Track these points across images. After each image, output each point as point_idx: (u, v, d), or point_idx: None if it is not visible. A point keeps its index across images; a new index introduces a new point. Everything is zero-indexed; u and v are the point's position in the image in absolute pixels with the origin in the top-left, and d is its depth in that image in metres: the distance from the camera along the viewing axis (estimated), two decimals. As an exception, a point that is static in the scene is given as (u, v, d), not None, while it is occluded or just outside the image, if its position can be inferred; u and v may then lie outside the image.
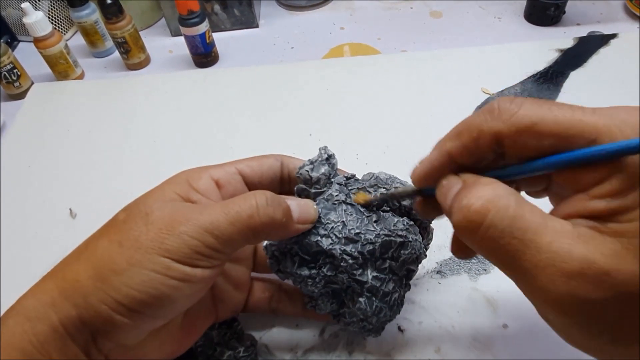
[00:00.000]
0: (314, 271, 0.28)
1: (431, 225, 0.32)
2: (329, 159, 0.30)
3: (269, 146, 0.49)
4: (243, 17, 0.68)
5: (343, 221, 0.28)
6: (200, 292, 0.25)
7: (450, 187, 0.21)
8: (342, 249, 0.27)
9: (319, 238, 0.27)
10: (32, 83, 0.62)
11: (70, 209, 0.45)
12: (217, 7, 0.66)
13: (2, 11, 0.68)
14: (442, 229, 0.40)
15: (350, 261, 0.28)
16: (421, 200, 0.26)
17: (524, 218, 0.18)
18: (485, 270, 0.37)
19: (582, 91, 0.51)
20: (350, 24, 0.68)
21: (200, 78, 0.59)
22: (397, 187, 0.29)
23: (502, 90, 0.52)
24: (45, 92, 0.60)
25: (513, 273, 0.19)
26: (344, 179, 0.30)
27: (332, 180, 0.29)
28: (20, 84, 0.60)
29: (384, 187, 0.29)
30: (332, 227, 0.28)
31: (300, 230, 0.27)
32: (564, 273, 0.17)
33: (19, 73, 0.60)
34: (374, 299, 0.29)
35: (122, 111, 0.56)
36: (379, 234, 0.28)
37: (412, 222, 0.29)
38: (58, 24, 0.69)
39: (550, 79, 0.53)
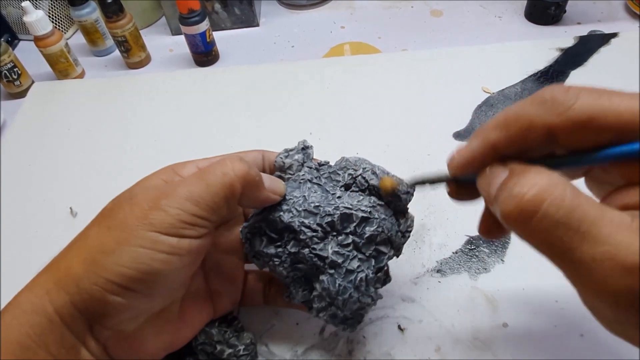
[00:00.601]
0: (279, 249, 0.29)
1: (410, 212, 0.31)
2: (305, 149, 0.32)
3: (269, 145, 0.49)
4: (243, 15, 0.68)
5: (304, 196, 0.29)
6: (190, 266, 0.26)
7: (496, 175, 0.20)
8: (301, 221, 0.28)
9: (281, 213, 0.28)
10: (33, 82, 0.62)
11: (70, 208, 0.46)
12: (217, 6, 0.66)
13: (3, 10, 0.68)
14: (442, 228, 0.40)
15: (309, 233, 0.28)
16: (454, 186, 0.25)
17: (580, 208, 0.17)
18: (485, 269, 0.37)
19: (582, 90, 0.51)
20: (351, 22, 0.68)
21: (200, 77, 0.59)
22: (429, 173, 0.27)
23: (502, 90, 0.52)
24: (45, 90, 0.60)
25: (566, 265, 0.18)
26: (317, 164, 0.31)
27: (305, 166, 0.31)
28: (20, 82, 0.60)
29: (352, 169, 0.30)
30: (294, 202, 0.28)
31: (270, 198, 0.28)
32: (623, 267, 0.16)
33: (19, 72, 0.60)
34: (336, 276, 0.28)
35: (123, 110, 0.56)
36: (338, 206, 0.28)
37: (381, 203, 0.29)
38: (58, 22, 0.69)
39: (550, 78, 0.53)
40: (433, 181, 0.26)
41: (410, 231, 0.31)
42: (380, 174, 0.30)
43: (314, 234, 0.28)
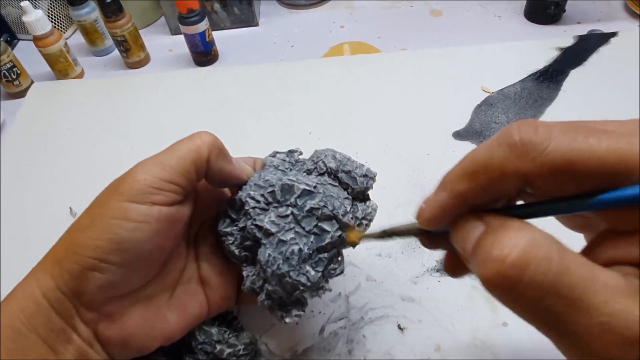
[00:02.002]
0: (234, 228, 0.29)
1: (372, 200, 0.31)
2: (291, 151, 0.33)
3: (269, 144, 0.49)
4: (243, 15, 0.68)
5: (260, 174, 0.29)
6: (162, 235, 0.26)
7: (470, 230, 0.18)
8: (248, 192, 0.28)
9: (240, 192, 0.29)
10: (32, 82, 0.62)
11: (70, 208, 0.45)
12: (216, 6, 0.66)
13: (2, 9, 0.68)
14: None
15: (252, 204, 0.28)
16: (427, 239, 0.23)
17: (570, 272, 0.15)
18: (485, 268, 0.37)
19: (582, 89, 0.51)
20: (350, 22, 0.68)
21: (200, 77, 0.59)
22: (399, 226, 0.24)
23: (502, 89, 0.52)
24: (45, 90, 0.60)
25: (558, 337, 0.16)
26: (295, 159, 0.32)
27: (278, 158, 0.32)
28: (20, 82, 0.60)
29: (317, 157, 0.31)
30: (250, 180, 0.29)
31: (236, 173, 0.28)
32: (625, 340, 0.14)
33: (18, 71, 0.60)
34: (267, 246, 0.26)
35: (122, 110, 0.56)
36: (281, 178, 0.28)
37: (334, 184, 0.30)
38: (58, 22, 0.69)
39: (550, 77, 0.53)
40: (404, 234, 0.24)
41: (371, 219, 0.30)
42: (340, 158, 0.30)
43: (257, 204, 0.28)
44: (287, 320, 0.27)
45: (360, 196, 0.31)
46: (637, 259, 0.16)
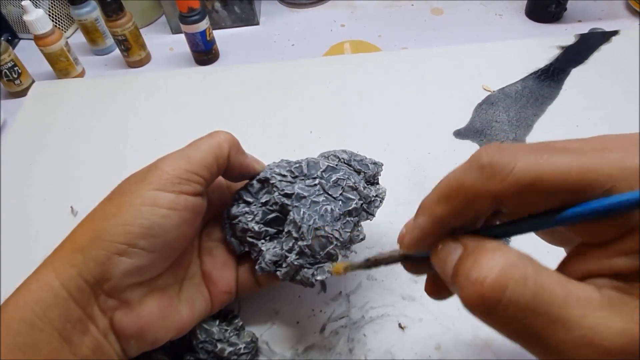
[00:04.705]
0: (253, 206, 0.31)
1: (382, 185, 0.34)
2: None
3: (269, 144, 0.49)
4: (243, 14, 0.67)
5: (274, 163, 0.32)
6: (188, 223, 0.28)
7: (449, 253, 0.19)
8: (273, 170, 0.31)
9: (262, 173, 0.31)
10: (33, 81, 0.62)
11: (71, 207, 0.46)
12: (217, 5, 0.66)
13: (3, 9, 0.68)
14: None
15: (279, 178, 0.30)
16: (410, 264, 0.23)
17: (545, 289, 0.15)
18: (485, 267, 0.37)
19: (583, 88, 0.51)
20: (351, 21, 0.68)
21: (200, 76, 0.59)
22: (382, 254, 0.25)
23: (503, 88, 0.52)
24: (46, 90, 0.60)
25: (542, 353, 0.16)
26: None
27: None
28: (21, 81, 0.60)
29: (332, 155, 0.33)
30: (268, 166, 0.32)
31: (253, 165, 0.31)
32: (604, 352, 0.15)
33: (19, 71, 0.60)
34: (301, 206, 0.29)
35: (123, 109, 0.56)
36: (306, 158, 0.32)
37: (350, 170, 0.32)
38: (58, 21, 0.69)
39: (551, 76, 0.53)
40: (387, 262, 0.24)
41: (382, 198, 0.33)
42: (349, 152, 0.33)
43: (283, 178, 0.30)
44: (319, 277, 0.29)
45: (372, 180, 0.33)
46: (610, 270, 0.16)
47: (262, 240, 0.31)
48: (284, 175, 0.30)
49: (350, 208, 0.30)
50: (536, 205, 0.17)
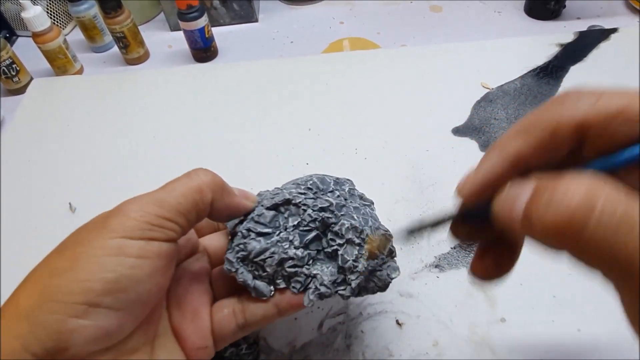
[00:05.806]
0: (281, 234, 0.27)
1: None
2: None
3: (268, 141, 0.49)
4: (242, 11, 0.67)
5: (268, 191, 0.30)
6: (161, 273, 0.23)
7: (520, 191, 0.16)
8: (290, 191, 0.28)
9: (260, 206, 0.28)
10: (31, 78, 0.62)
11: (69, 204, 0.46)
12: (216, 2, 0.66)
13: (1, 6, 0.68)
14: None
15: (302, 197, 0.28)
16: (459, 223, 0.21)
17: (636, 209, 0.14)
18: (483, 264, 0.37)
19: (582, 86, 0.51)
20: (350, 18, 0.68)
21: (199, 73, 0.59)
22: (424, 219, 0.23)
23: (501, 85, 0.52)
24: (44, 87, 0.60)
25: (627, 278, 0.15)
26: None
27: None
28: (19, 79, 0.60)
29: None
30: (264, 196, 0.29)
31: (243, 203, 0.27)
32: None
33: (17, 68, 0.60)
34: (350, 212, 0.28)
35: (122, 106, 0.56)
36: (310, 175, 0.30)
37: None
38: (57, 18, 0.69)
39: (550, 73, 0.53)
40: (434, 224, 0.22)
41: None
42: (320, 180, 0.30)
43: (306, 196, 0.28)
44: (394, 275, 0.28)
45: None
46: None
47: (307, 266, 0.28)
48: (304, 193, 0.28)
49: (375, 212, 0.30)
50: (617, 140, 0.16)
